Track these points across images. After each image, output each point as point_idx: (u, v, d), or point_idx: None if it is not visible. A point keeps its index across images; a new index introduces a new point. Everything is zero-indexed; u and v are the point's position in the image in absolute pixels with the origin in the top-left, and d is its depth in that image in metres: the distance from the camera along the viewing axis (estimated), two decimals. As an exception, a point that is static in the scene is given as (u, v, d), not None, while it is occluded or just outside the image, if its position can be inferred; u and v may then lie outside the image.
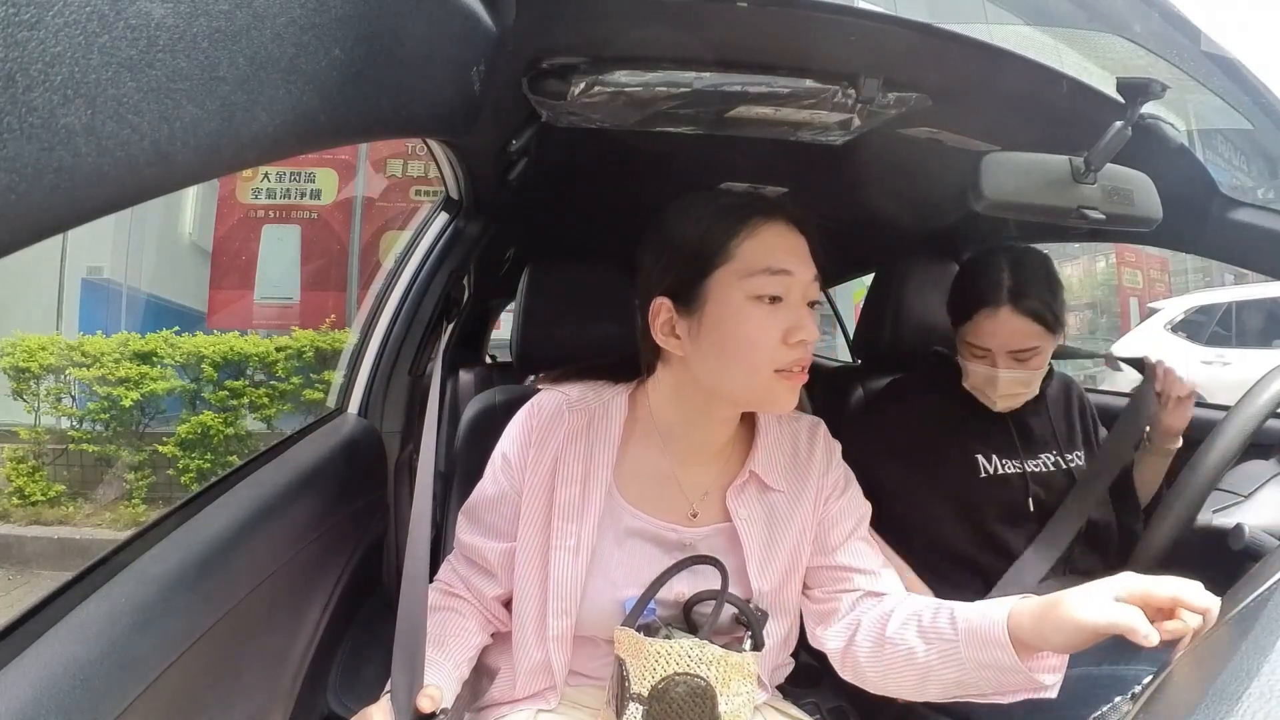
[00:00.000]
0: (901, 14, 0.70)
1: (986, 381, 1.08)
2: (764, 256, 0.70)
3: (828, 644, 0.79)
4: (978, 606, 0.68)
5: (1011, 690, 0.66)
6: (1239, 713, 0.31)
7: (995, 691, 0.67)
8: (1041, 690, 0.64)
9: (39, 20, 0.23)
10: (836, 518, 0.81)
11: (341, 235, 5.30)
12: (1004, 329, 1.03)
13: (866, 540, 0.83)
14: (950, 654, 0.67)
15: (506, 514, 0.80)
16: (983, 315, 1.05)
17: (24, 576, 3.36)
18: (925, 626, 0.70)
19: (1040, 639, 0.61)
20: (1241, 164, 6.43)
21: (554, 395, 0.82)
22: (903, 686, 0.72)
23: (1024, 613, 0.63)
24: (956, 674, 0.67)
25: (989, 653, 0.64)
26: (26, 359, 3.86)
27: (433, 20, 0.50)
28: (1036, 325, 1.02)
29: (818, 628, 0.80)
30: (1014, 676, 0.64)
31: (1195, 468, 0.93)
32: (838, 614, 0.78)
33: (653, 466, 0.80)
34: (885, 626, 0.73)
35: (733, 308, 0.70)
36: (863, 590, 0.79)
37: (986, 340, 1.05)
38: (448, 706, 0.69)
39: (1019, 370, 1.05)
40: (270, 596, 0.81)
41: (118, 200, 0.28)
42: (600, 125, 0.90)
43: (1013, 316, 1.03)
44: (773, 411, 0.80)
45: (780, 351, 0.70)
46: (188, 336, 4.14)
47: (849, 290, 3.35)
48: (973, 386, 1.11)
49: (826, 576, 0.80)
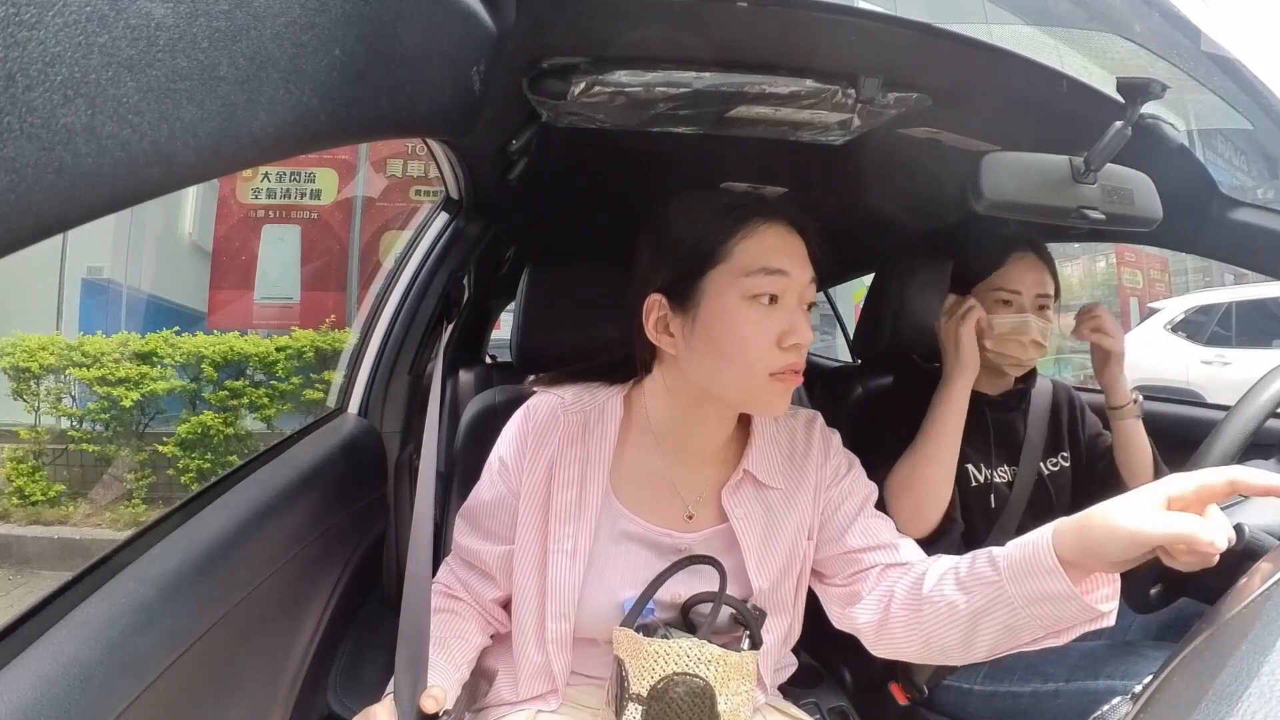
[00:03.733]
0: (901, 14, 0.70)
1: (1018, 329, 1.05)
2: (761, 256, 0.70)
3: (858, 619, 0.76)
4: (1016, 542, 0.64)
5: (1067, 625, 0.61)
6: (1239, 713, 0.31)
7: (1048, 630, 0.62)
8: (1099, 619, 0.59)
9: (39, 20, 0.23)
10: (840, 500, 0.80)
11: (341, 235, 5.30)
12: (1033, 274, 1.07)
13: (878, 516, 0.81)
14: (996, 597, 0.63)
15: (503, 518, 0.80)
16: (1014, 259, 1.07)
17: (24, 576, 3.36)
18: (963, 577, 0.67)
19: (1091, 556, 0.57)
20: (1241, 164, 6.43)
21: (549, 398, 0.82)
22: (948, 649, 0.68)
23: (1067, 531, 0.59)
24: (1006, 618, 0.62)
25: (1039, 583, 0.60)
26: (26, 359, 3.86)
27: (433, 20, 0.50)
28: (1053, 280, 1.08)
29: (846, 608, 0.78)
30: (1068, 607, 0.59)
31: (1195, 468, 0.93)
32: (863, 592, 0.76)
33: (648, 469, 0.79)
34: (920, 588, 0.70)
35: (728, 307, 0.70)
36: (883, 564, 0.76)
37: (1016, 284, 1.06)
38: (449, 708, 0.69)
39: (1044, 321, 1.06)
40: (270, 596, 0.81)
41: (118, 200, 0.28)
42: (600, 125, 0.90)
43: (1039, 263, 1.08)
44: (764, 414, 0.80)
45: (774, 354, 0.70)
46: (188, 336, 4.14)
47: (849, 290, 3.35)
48: (995, 348, 1.06)
49: (843, 560, 0.79)
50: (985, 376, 1.12)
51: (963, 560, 0.69)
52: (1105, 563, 0.57)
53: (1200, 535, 0.49)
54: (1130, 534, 0.53)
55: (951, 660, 0.70)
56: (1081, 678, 0.90)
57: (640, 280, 0.76)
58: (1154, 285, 9.24)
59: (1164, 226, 0.84)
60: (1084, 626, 0.61)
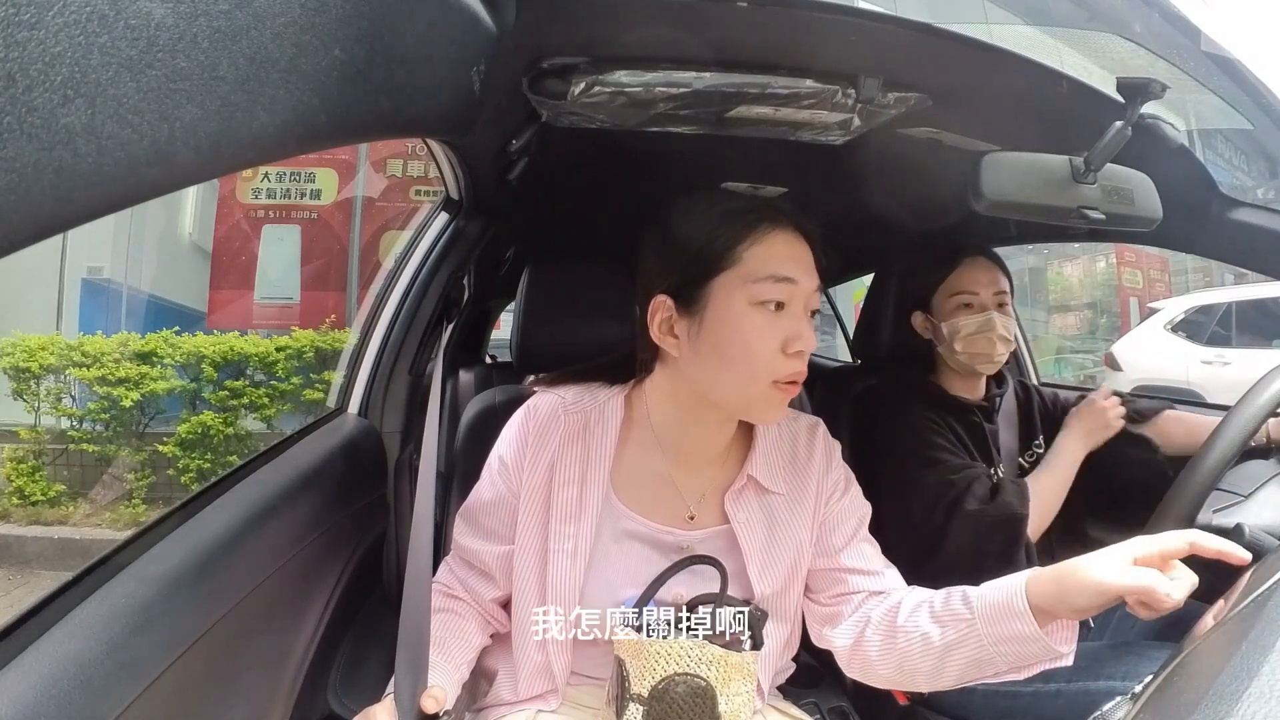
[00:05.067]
0: (901, 14, 0.70)
1: (984, 327, 1.11)
2: (770, 263, 0.70)
3: (835, 642, 0.79)
4: (989, 585, 0.69)
5: (1029, 663, 0.66)
6: (1239, 713, 0.31)
7: (1012, 667, 0.67)
8: (1058, 659, 0.65)
9: (39, 20, 0.23)
10: (838, 520, 0.81)
11: (341, 235, 5.30)
12: (986, 274, 1.14)
13: (869, 541, 0.83)
14: (968, 633, 0.68)
15: (504, 517, 0.80)
16: (966, 263, 1.15)
17: (24, 576, 3.36)
18: (938, 611, 0.71)
19: (1060, 603, 0.63)
20: (1241, 164, 6.43)
21: (550, 398, 0.81)
22: (917, 675, 0.73)
23: (1041, 581, 0.65)
24: (974, 653, 0.68)
25: (1008, 625, 0.65)
26: (26, 359, 3.86)
27: (433, 20, 0.50)
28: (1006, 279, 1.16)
29: (823, 628, 0.80)
30: (1032, 647, 0.65)
31: (1195, 468, 0.93)
32: (843, 615, 0.79)
33: (649, 469, 0.79)
34: (895, 618, 0.74)
35: (734, 312, 0.70)
36: (867, 590, 0.79)
37: (974, 285, 1.13)
38: (450, 708, 0.69)
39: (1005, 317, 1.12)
40: (270, 596, 0.81)
41: (118, 200, 0.28)
42: (600, 125, 0.90)
43: (991, 265, 1.15)
44: (761, 422, 0.80)
45: (778, 361, 0.70)
46: (188, 336, 4.14)
47: (849, 290, 3.35)
48: (965, 350, 1.12)
49: (831, 579, 0.80)
50: (961, 381, 1.18)
51: (938, 595, 0.73)
52: (1071, 610, 0.63)
53: (1158, 589, 0.57)
54: (1099, 585, 0.60)
55: (919, 686, 0.74)
56: (1083, 678, 0.91)
57: (645, 281, 0.76)
58: (1154, 285, 9.23)
59: (1164, 226, 0.84)
60: (1044, 665, 0.66)
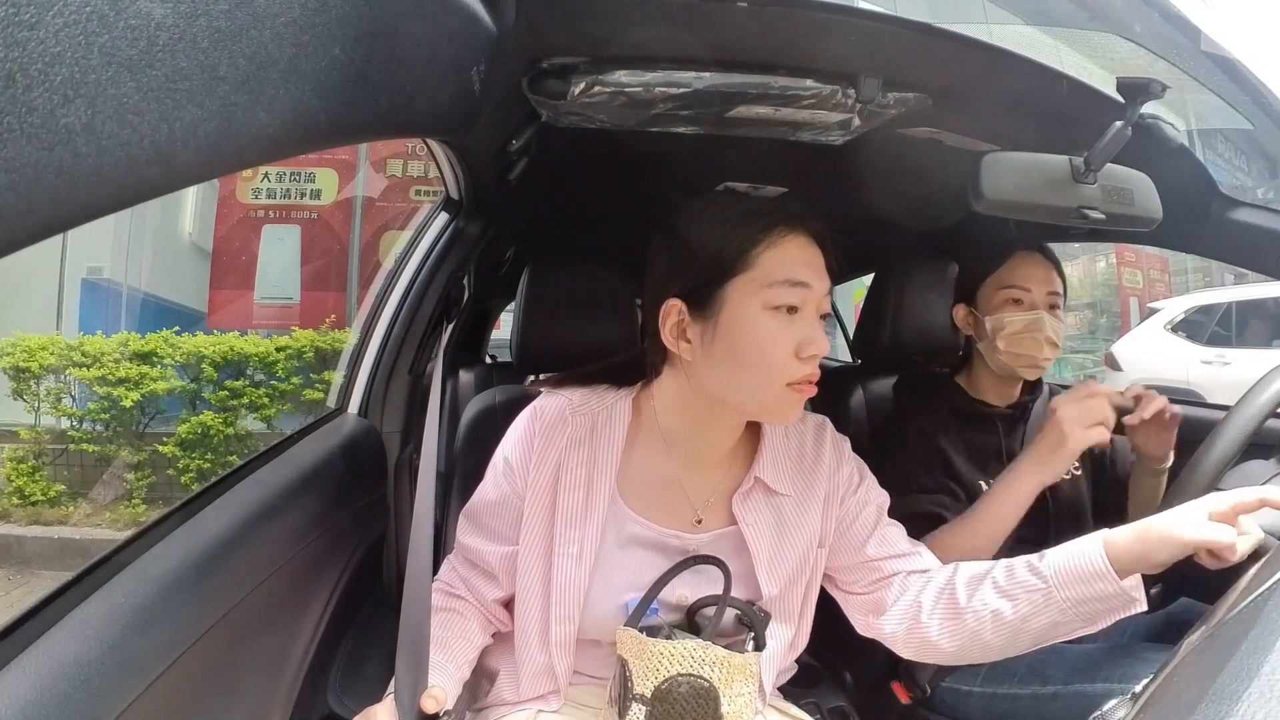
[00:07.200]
0: (901, 14, 0.70)
1: (1032, 327, 1.00)
2: (785, 267, 0.70)
3: (885, 628, 0.79)
4: (1054, 552, 0.71)
5: (1104, 618, 0.69)
6: (1239, 713, 0.31)
7: (1086, 624, 0.70)
8: (1135, 607, 0.67)
9: (39, 20, 0.23)
10: (857, 511, 0.81)
11: (341, 235, 5.30)
12: (1042, 271, 1.03)
13: (893, 525, 0.83)
14: (1044, 602, 0.69)
15: (508, 518, 0.79)
16: (1020, 256, 1.05)
17: (24, 576, 3.36)
18: (1005, 586, 0.72)
19: (1142, 560, 0.66)
20: (1241, 164, 6.43)
21: (556, 399, 0.81)
22: (989, 648, 0.74)
23: (1120, 541, 0.68)
24: (1052, 618, 0.69)
25: (1089, 587, 0.68)
26: (26, 359, 3.86)
27: (433, 20, 0.50)
28: (1061, 281, 1.05)
29: (868, 617, 0.81)
30: (1111, 603, 0.68)
31: (1195, 468, 0.92)
32: (887, 601, 0.79)
33: (657, 472, 0.79)
34: (955, 598, 0.74)
35: (748, 316, 0.70)
36: (904, 571, 0.79)
37: (1026, 280, 1.03)
38: (450, 708, 0.69)
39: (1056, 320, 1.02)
40: (270, 596, 0.81)
41: (118, 200, 0.28)
42: (600, 125, 0.90)
43: (1047, 263, 1.05)
44: (777, 424, 0.80)
45: (792, 365, 0.70)
46: (188, 336, 4.14)
47: (849, 290, 3.35)
48: (1008, 349, 1.01)
49: (864, 569, 0.81)
50: (994, 386, 1.10)
51: (998, 569, 0.74)
52: (1153, 565, 0.67)
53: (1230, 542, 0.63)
54: (1180, 540, 0.65)
55: (989, 658, 0.76)
56: (1079, 680, 0.91)
57: (656, 285, 0.76)
58: (1154, 285, 9.23)
59: (1164, 226, 0.84)
60: (1118, 616, 0.69)
